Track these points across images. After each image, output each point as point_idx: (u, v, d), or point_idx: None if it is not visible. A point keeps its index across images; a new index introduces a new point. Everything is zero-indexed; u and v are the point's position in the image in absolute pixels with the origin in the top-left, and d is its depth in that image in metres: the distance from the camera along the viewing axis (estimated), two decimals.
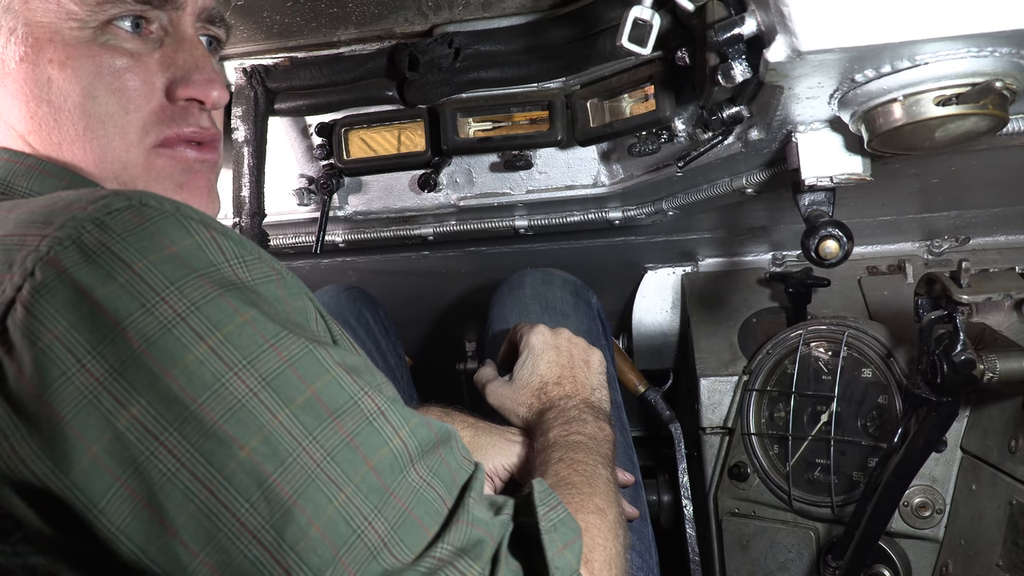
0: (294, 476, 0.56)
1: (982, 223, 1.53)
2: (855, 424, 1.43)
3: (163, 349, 0.55)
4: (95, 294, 0.55)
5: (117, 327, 0.55)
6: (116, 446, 0.54)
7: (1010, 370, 1.08)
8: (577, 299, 1.43)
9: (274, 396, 0.57)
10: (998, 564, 1.17)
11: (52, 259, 0.56)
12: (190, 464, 0.55)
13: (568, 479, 0.90)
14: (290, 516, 0.55)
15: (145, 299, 0.56)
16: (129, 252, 0.57)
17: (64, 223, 0.58)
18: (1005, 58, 0.80)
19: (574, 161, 1.39)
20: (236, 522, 0.55)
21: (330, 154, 1.38)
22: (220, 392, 0.56)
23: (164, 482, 0.54)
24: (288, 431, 0.57)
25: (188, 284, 0.57)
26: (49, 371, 0.54)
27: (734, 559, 1.57)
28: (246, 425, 0.56)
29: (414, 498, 0.61)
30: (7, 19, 0.78)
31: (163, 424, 0.55)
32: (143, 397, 0.55)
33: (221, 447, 0.55)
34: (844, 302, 1.63)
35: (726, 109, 1.02)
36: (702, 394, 1.61)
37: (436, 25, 1.23)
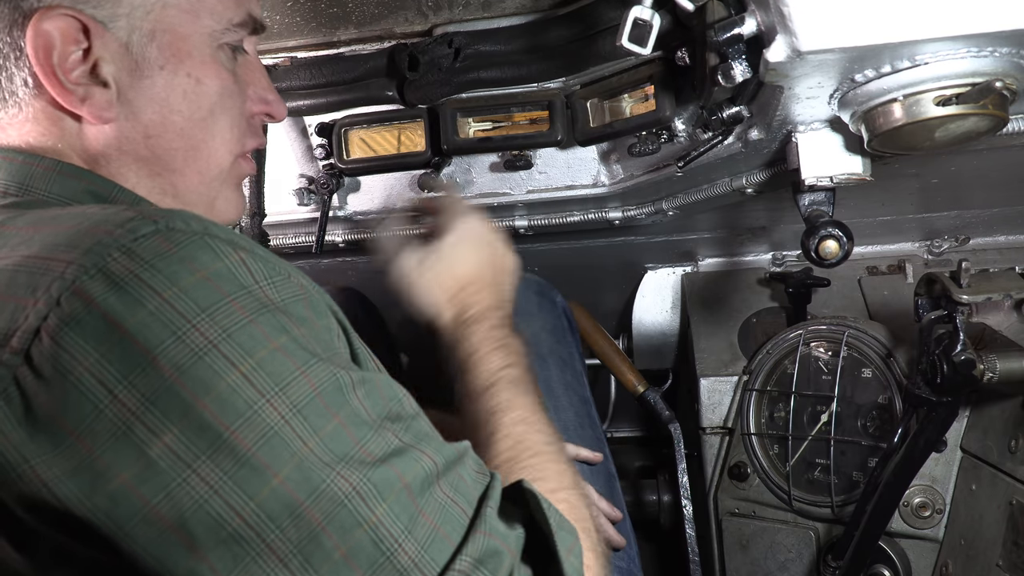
0: (325, 503, 0.57)
1: (982, 223, 1.53)
2: (855, 424, 1.43)
3: (195, 377, 0.55)
4: (125, 324, 0.55)
5: (148, 356, 0.55)
6: (148, 473, 0.54)
7: (1010, 370, 1.08)
8: (541, 298, 1.43)
9: (305, 424, 0.58)
10: (998, 564, 1.17)
11: (78, 289, 0.56)
12: (223, 491, 0.55)
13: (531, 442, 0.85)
14: (318, 542, 0.56)
15: (176, 327, 0.56)
16: (158, 279, 0.57)
17: (90, 248, 0.58)
18: (1005, 58, 0.80)
19: (574, 161, 1.39)
20: (265, 547, 0.55)
21: (330, 154, 1.38)
22: (253, 420, 0.56)
23: (196, 509, 0.55)
24: (319, 458, 0.57)
25: (219, 311, 0.57)
26: (81, 404, 0.54)
27: (734, 559, 1.57)
28: (279, 453, 0.56)
29: (441, 515, 0.63)
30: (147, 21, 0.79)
31: (196, 452, 0.55)
32: (176, 426, 0.55)
33: (254, 475, 0.55)
34: (844, 302, 1.63)
35: (726, 109, 1.02)
36: (702, 394, 1.61)
37: (436, 25, 1.23)
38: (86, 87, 0.77)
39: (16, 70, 0.77)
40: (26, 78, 0.77)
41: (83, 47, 0.76)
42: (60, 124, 0.79)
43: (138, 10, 0.78)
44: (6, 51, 0.76)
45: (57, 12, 0.74)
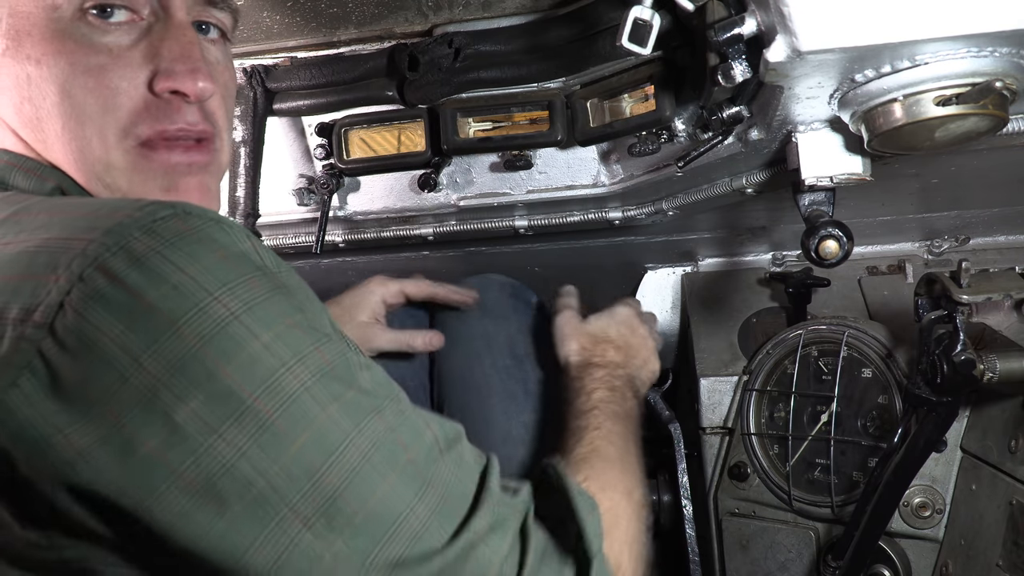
0: (342, 467, 0.60)
1: (982, 223, 1.53)
2: (855, 424, 1.43)
3: (219, 346, 0.57)
4: (148, 296, 0.57)
5: (173, 326, 0.56)
6: (175, 439, 0.56)
7: (1010, 370, 1.08)
8: (516, 300, 1.44)
9: (323, 392, 0.60)
10: (998, 564, 1.17)
11: (101, 265, 0.57)
12: (248, 455, 0.57)
13: (604, 452, 0.95)
14: (339, 504, 0.59)
15: (198, 299, 0.57)
16: (179, 256, 0.58)
17: (110, 229, 0.59)
18: (1005, 58, 0.80)
19: (574, 161, 1.39)
20: (289, 510, 0.58)
21: (330, 154, 1.38)
22: (274, 387, 0.58)
23: (223, 472, 0.56)
24: (336, 425, 0.60)
25: (239, 286, 0.59)
26: (107, 373, 0.56)
27: (734, 559, 1.57)
28: (299, 419, 0.59)
29: (448, 485, 0.66)
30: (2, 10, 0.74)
31: (221, 417, 0.57)
32: (201, 392, 0.56)
33: (276, 439, 0.58)
34: (844, 302, 1.63)
35: (726, 109, 1.02)
36: (702, 394, 1.61)
37: (436, 25, 1.23)
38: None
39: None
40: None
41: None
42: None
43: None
44: None
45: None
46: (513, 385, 1.31)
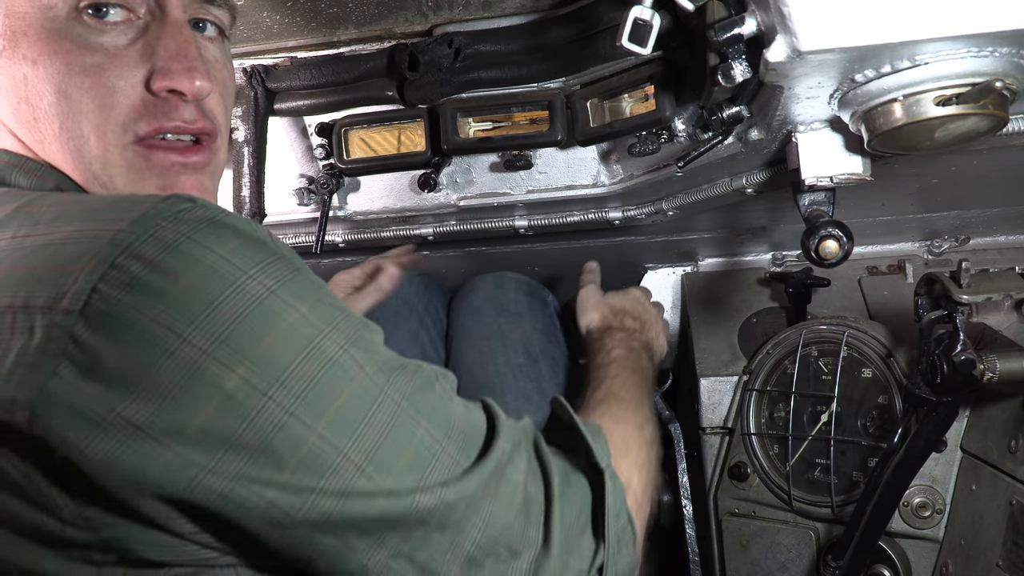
0: (382, 417, 0.65)
1: (982, 223, 1.53)
2: (855, 424, 1.43)
3: (259, 318, 0.61)
4: (186, 278, 0.59)
5: (213, 302, 0.60)
6: (228, 405, 0.59)
7: (1010, 370, 1.08)
8: (532, 298, 1.45)
9: (358, 354, 0.66)
10: (998, 564, 1.17)
11: (134, 252, 0.59)
12: (297, 413, 0.61)
13: (619, 395, 1.07)
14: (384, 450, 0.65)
15: (234, 278, 0.61)
16: (209, 240, 0.61)
17: (137, 219, 0.61)
18: (1005, 58, 0.80)
19: (574, 161, 1.39)
20: (342, 458, 0.63)
21: (330, 154, 1.38)
22: (315, 351, 0.63)
23: (276, 432, 0.60)
24: (373, 381, 0.66)
25: (269, 266, 0.63)
26: (151, 350, 0.58)
27: (734, 559, 1.57)
28: (339, 378, 0.63)
29: (467, 421, 0.74)
30: None
31: (269, 381, 0.60)
32: (247, 360, 0.60)
33: (321, 397, 0.62)
34: (844, 302, 1.63)
35: (726, 109, 1.02)
36: (702, 394, 1.61)
37: (436, 25, 1.23)
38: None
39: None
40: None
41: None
42: None
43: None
44: None
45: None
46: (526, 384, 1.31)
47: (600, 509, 0.81)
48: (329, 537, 0.64)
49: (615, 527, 0.81)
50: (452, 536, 0.69)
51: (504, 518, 0.72)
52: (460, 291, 1.51)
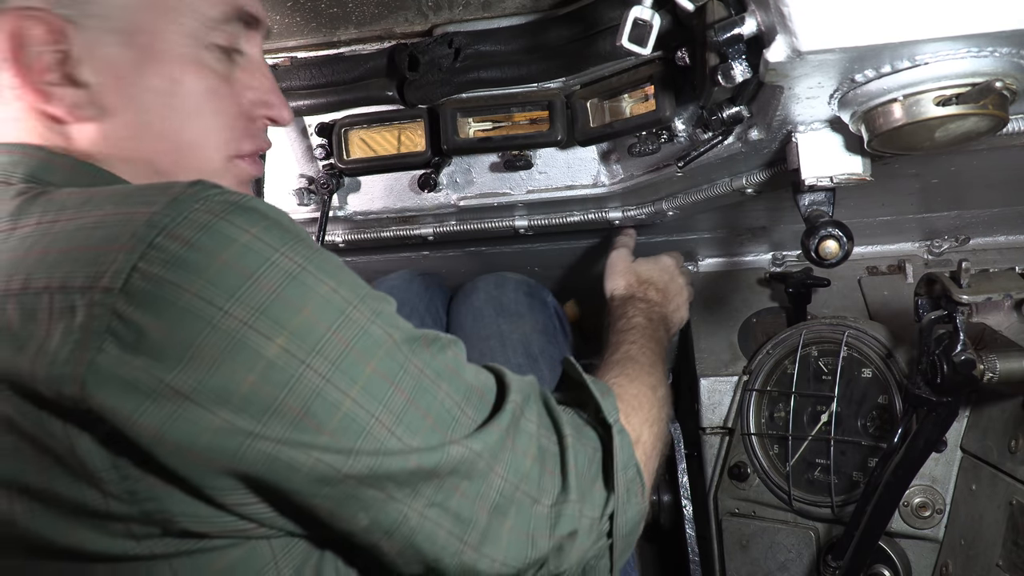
0: (408, 382, 0.70)
1: (982, 223, 1.53)
2: (855, 424, 1.43)
3: (296, 290, 0.65)
4: (223, 255, 0.63)
5: (251, 277, 0.64)
6: (270, 372, 0.63)
7: (1010, 370, 1.08)
8: (531, 299, 1.46)
9: (386, 323, 0.71)
10: (998, 564, 1.17)
11: (171, 232, 0.63)
12: (333, 380, 0.65)
13: (636, 357, 1.12)
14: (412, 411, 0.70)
15: (268, 255, 0.65)
16: (241, 221, 0.65)
17: (170, 202, 0.65)
18: (1005, 58, 0.80)
19: (574, 161, 1.39)
20: (375, 420, 0.67)
21: (330, 154, 1.38)
22: (346, 322, 0.67)
23: (315, 397, 0.65)
24: (399, 349, 0.71)
25: (297, 244, 0.67)
26: (195, 322, 0.61)
27: (734, 559, 1.57)
28: (370, 346, 0.68)
29: (480, 383, 0.79)
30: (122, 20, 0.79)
31: (306, 350, 0.64)
32: (285, 330, 0.64)
33: (354, 364, 0.67)
34: (844, 302, 1.63)
35: (726, 109, 1.02)
36: (702, 394, 1.61)
37: (436, 25, 1.23)
38: (61, 88, 0.78)
39: (2, 71, 0.78)
40: (11, 78, 0.78)
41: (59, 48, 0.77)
42: (44, 123, 0.80)
43: (114, 10, 0.78)
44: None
45: (28, 13, 0.75)
46: None
47: (609, 461, 0.86)
48: (372, 489, 0.68)
49: (624, 478, 0.87)
50: (479, 486, 0.74)
51: (523, 467, 0.77)
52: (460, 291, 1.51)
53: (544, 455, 0.81)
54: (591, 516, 0.83)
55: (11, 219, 0.70)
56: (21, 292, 0.64)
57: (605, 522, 0.85)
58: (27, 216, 0.70)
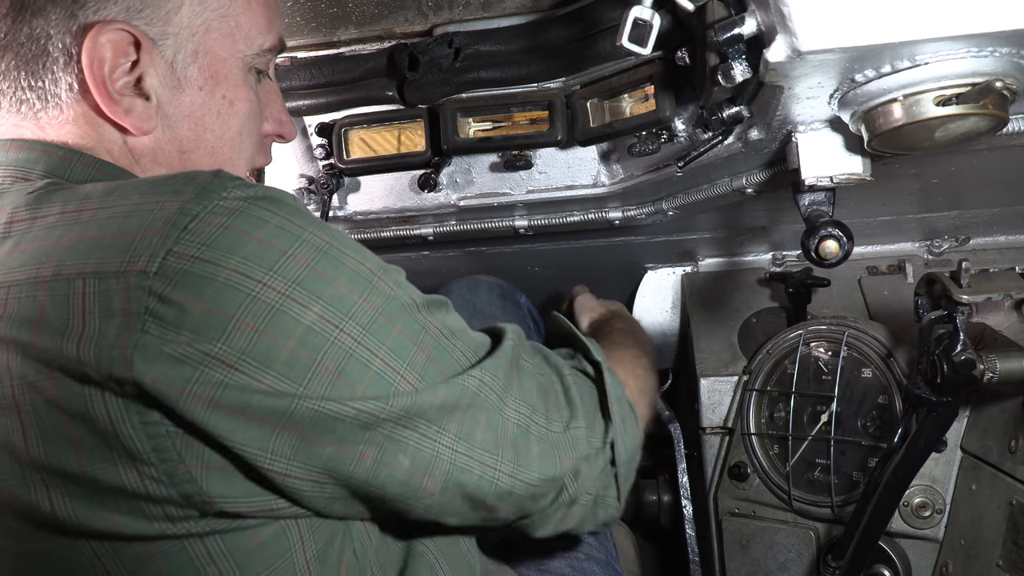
0: (428, 342, 0.77)
1: (982, 223, 1.53)
2: (855, 424, 1.43)
3: (327, 264, 0.70)
4: (257, 234, 0.68)
5: (285, 253, 0.68)
6: (308, 337, 0.68)
7: (1010, 370, 1.08)
8: (504, 301, 1.48)
9: (404, 291, 0.77)
10: (998, 564, 1.18)
11: (204, 219, 0.67)
12: (364, 342, 0.71)
13: (616, 340, 1.19)
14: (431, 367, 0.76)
15: (299, 234, 0.70)
16: (268, 206, 0.70)
17: (200, 190, 0.69)
18: (1005, 58, 0.80)
19: (574, 161, 1.39)
20: (399, 377, 0.73)
21: (330, 154, 1.38)
22: (374, 291, 0.73)
23: (348, 357, 0.70)
24: (420, 312, 0.77)
25: (319, 225, 0.73)
26: (235, 295, 0.66)
27: (734, 559, 1.57)
28: (395, 311, 0.74)
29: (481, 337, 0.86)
30: (192, 42, 0.85)
31: (340, 316, 0.70)
32: (321, 298, 0.69)
33: (383, 328, 0.73)
34: (844, 302, 1.63)
35: (726, 109, 1.02)
36: (702, 394, 1.61)
37: (436, 25, 1.23)
38: (130, 98, 0.83)
39: (63, 75, 0.82)
40: (72, 83, 0.82)
41: (131, 60, 0.82)
42: (99, 129, 0.84)
43: (185, 31, 0.84)
44: (55, 55, 0.81)
45: (115, 26, 0.80)
46: None
47: (603, 396, 0.93)
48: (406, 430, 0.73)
49: (619, 409, 0.93)
50: (496, 418, 0.80)
51: (530, 398, 0.84)
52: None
53: (547, 389, 0.87)
54: (597, 444, 0.89)
55: (30, 210, 0.73)
56: (52, 279, 0.67)
57: (608, 450, 0.91)
58: (48, 207, 0.73)
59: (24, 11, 0.79)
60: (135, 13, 0.81)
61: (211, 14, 0.85)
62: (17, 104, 0.82)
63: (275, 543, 0.74)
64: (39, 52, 0.80)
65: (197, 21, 0.85)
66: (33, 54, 0.80)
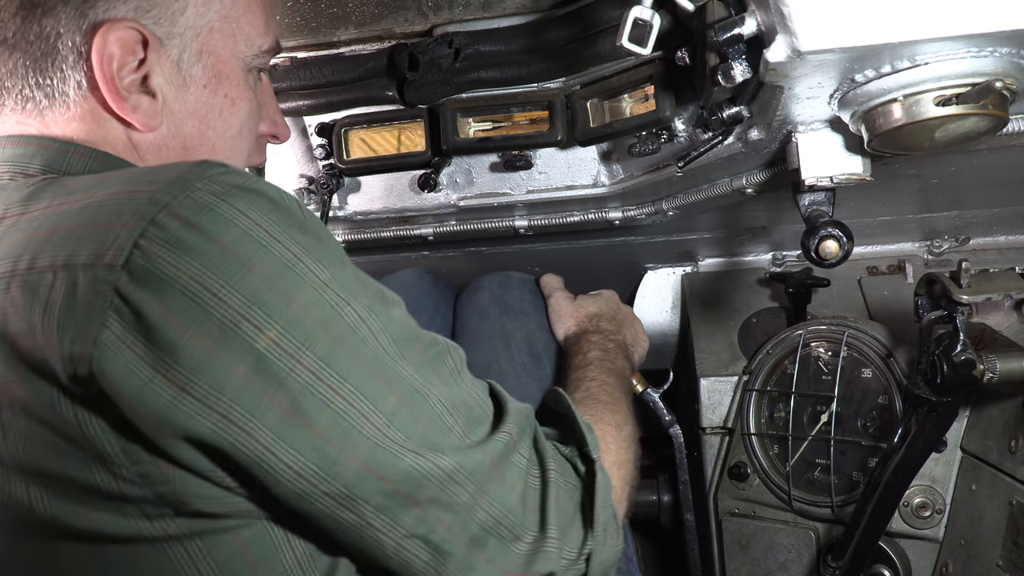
0: (402, 384, 0.70)
1: (982, 223, 1.53)
2: (855, 424, 1.43)
3: (288, 282, 0.65)
4: (221, 239, 0.63)
5: (246, 264, 0.64)
6: (260, 365, 0.63)
7: (1010, 370, 1.08)
8: (536, 297, 1.47)
9: (376, 320, 0.70)
10: (998, 564, 1.18)
11: (172, 211, 0.64)
12: (323, 376, 0.65)
13: (597, 396, 1.09)
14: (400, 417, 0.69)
15: (265, 241, 0.65)
16: (242, 204, 0.66)
17: (173, 181, 0.66)
18: (1005, 58, 0.80)
19: (574, 161, 1.39)
20: (364, 420, 0.67)
21: (330, 154, 1.38)
22: (337, 318, 0.67)
23: (304, 392, 0.65)
24: (386, 351, 0.70)
25: (297, 232, 0.67)
26: (190, 307, 0.62)
27: (734, 559, 1.57)
28: (359, 344, 0.68)
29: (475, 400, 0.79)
30: (196, 42, 0.86)
31: (297, 344, 0.64)
32: (278, 323, 0.64)
33: (344, 363, 0.66)
34: (844, 302, 1.63)
35: (726, 109, 1.02)
36: (702, 394, 1.61)
37: (436, 25, 1.23)
38: (137, 96, 0.84)
39: (71, 72, 0.82)
40: (80, 80, 0.82)
41: (139, 58, 0.83)
42: (104, 126, 0.85)
43: (190, 31, 0.85)
44: (64, 53, 0.81)
45: (124, 24, 0.80)
46: (530, 383, 1.31)
47: (589, 499, 0.86)
48: (350, 513, 0.68)
49: (603, 516, 0.85)
50: (463, 516, 0.73)
51: (507, 501, 0.76)
52: (465, 290, 1.51)
53: (528, 492, 0.80)
54: (569, 556, 0.81)
55: (22, 205, 0.73)
56: (27, 272, 0.66)
57: (582, 563, 0.83)
58: (37, 201, 0.72)
59: (34, 10, 0.79)
60: (143, 13, 0.82)
61: (214, 16, 0.87)
62: (23, 102, 0.83)
63: (257, 544, 0.71)
64: (48, 50, 0.81)
65: (201, 22, 0.86)
66: (42, 52, 0.81)
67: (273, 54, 0.95)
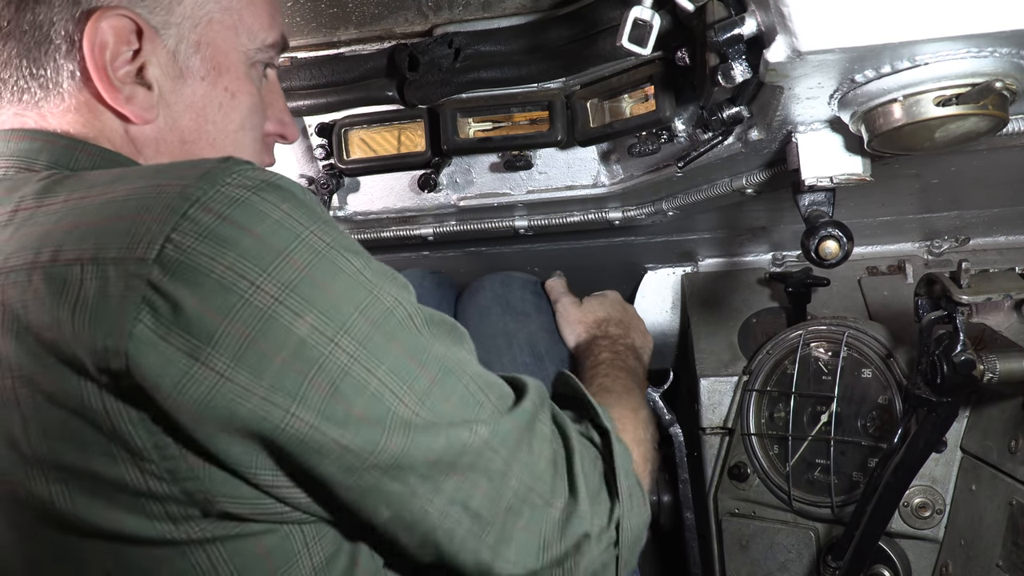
0: (432, 368, 0.71)
1: (982, 223, 1.53)
2: (855, 424, 1.43)
3: (324, 268, 0.66)
4: (255, 230, 0.64)
5: (281, 253, 0.65)
6: (301, 350, 0.64)
7: (1010, 370, 1.08)
8: (538, 298, 1.47)
9: (407, 306, 0.72)
10: (998, 564, 1.18)
11: (204, 205, 0.64)
12: (360, 358, 0.67)
13: (610, 388, 1.12)
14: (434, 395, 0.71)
15: (299, 232, 0.66)
16: (272, 197, 0.67)
17: (202, 176, 0.66)
18: (1005, 58, 0.80)
19: (574, 161, 1.39)
20: (397, 399, 0.68)
21: (330, 154, 1.38)
22: (373, 303, 0.69)
23: (343, 375, 0.66)
24: (420, 333, 0.72)
25: (323, 224, 0.69)
26: (227, 296, 0.62)
27: (734, 559, 1.57)
28: (395, 328, 0.70)
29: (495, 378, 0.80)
30: (194, 33, 0.84)
31: (335, 328, 0.66)
32: (316, 308, 0.65)
33: (381, 345, 0.68)
34: (844, 302, 1.63)
35: (726, 109, 1.02)
36: (702, 394, 1.61)
37: (436, 25, 1.23)
38: (132, 87, 0.82)
39: (64, 62, 0.81)
40: (73, 71, 0.81)
41: (133, 48, 0.81)
42: (101, 118, 0.83)
43: (187, 21, 0.83)
44: (58, 43, 0.80)
45: (116, 12, 0.79)
46: None
47: (611, 469, 0.87)
48: (396, 483, 0.69)
49: (626, 484, 0.87)
50: (497, 483, 0.74)
51: (537, 468, 0.78)
52: (467, 290, 1.51)
53: (556, 459, 0.81)
54: (600, 524, 0.83)
55: (36, 198, 0.72)
56: (50, 264, 0.65)
57: (612, 530, 0.84)
58: (53, 195, 0.71)
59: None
60: (138, 1, 0.80)
61: (214, 6, 0.85)
62: (19, 93, 0.82)
63: (279, 550, 0.71)
64: (41, 39, 0.79)
65: (200, 12, 0.84)
66: (35, 41, 0.79)
67: (279, 50, 0.94)
